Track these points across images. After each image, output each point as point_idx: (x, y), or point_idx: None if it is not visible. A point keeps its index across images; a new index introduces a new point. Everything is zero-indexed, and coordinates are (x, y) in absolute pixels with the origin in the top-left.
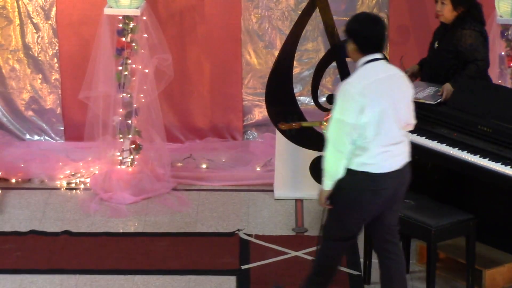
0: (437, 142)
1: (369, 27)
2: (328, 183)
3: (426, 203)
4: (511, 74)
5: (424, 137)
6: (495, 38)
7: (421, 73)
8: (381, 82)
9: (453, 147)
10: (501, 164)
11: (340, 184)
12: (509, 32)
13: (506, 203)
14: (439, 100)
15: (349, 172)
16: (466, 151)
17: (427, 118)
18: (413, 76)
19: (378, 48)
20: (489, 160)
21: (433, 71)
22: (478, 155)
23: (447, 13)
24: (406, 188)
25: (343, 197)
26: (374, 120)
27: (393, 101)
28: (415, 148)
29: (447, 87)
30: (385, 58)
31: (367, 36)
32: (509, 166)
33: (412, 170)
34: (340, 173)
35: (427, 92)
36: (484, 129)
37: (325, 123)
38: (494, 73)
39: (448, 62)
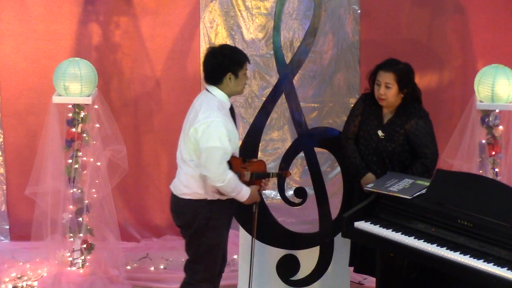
0: (414, 238)
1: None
2: None
3: None
4: (492, 163)
5: (400, 232)
6: (475, 124)
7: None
8: (191, 107)
9: (431, 243)
10: (483, 261)
11: None
12: (490, 119)
13: None
14: (415, 194)
15: None
16: (445, 248)
17: (402, 213)
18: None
19: (205, 78)
20: (470, 257)
21: (385, 161)
22: (458, 252)
23: (392, 97)
24: (182, 225)
25: None
26: None
27: (184, 127)
28: (390, 245)
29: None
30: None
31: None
32: (492, 264)
33: (387, 269)
34: None
35: (402, 185)
36: (464, 224)
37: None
38: (474, 163)
39: (403, 153)
